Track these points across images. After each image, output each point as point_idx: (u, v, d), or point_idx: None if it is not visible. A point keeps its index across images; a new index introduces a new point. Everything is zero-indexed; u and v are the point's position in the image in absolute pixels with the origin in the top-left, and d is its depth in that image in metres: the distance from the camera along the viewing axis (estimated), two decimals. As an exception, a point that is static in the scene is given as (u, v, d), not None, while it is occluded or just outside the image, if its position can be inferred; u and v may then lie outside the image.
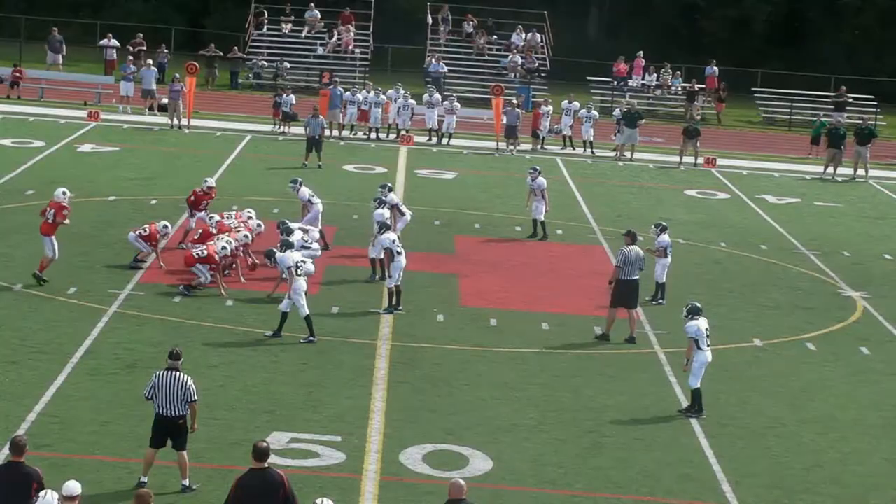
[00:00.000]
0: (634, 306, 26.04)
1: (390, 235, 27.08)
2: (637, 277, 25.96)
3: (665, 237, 28.06)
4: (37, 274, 26.50)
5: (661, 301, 28.07)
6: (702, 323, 21.94)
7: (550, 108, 48.21)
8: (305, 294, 24.41)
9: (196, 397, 17.81)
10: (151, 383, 17.79)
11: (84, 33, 63.45)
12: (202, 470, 18.22)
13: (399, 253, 26.70)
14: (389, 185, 31.39)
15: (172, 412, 17.66)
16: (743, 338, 26.42)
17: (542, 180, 33.32)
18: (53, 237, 26.75)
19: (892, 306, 29.47)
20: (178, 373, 17.76)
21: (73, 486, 14.28)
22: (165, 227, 28.75)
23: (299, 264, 24.67)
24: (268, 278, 27.33)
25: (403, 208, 31.09)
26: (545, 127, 47.72)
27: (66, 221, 27.00)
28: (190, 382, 17.75)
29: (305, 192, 31.53)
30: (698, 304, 22.46)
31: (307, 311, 24.22)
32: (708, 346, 21.92)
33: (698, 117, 48.59)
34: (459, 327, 25.85)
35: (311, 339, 24.17)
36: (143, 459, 17.80)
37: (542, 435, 20.58)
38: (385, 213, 29.14)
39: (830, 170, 46.74)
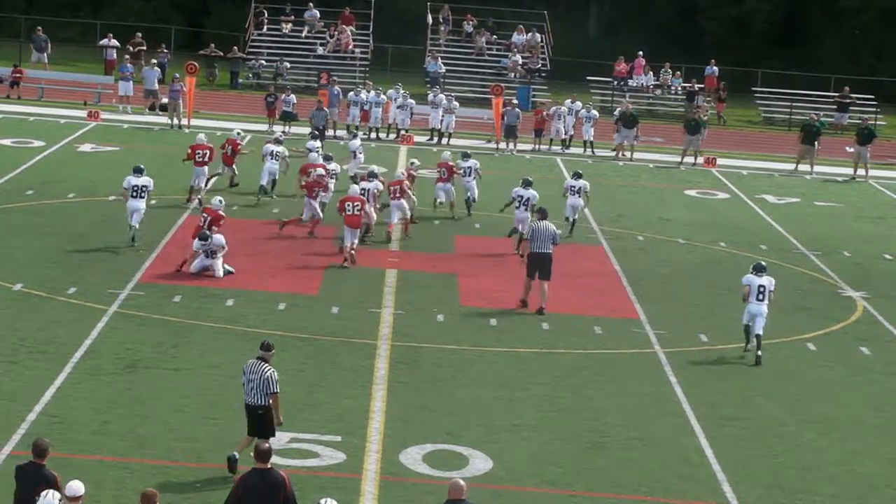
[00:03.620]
0: (547, 278, 27.24)
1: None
2: (549, 251, 27.33)
3: None
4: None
5: None
6: (756, 279, 25.14)
7: (564, 109, 48.12)
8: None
9: (275, 389, 18.16)
10: (243, 371, 18.37)
11: (84, 33, 63.48)
12: (202, 470, 18.22)
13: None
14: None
15: (255, 401, 18.16)
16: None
17: (584, 182, 34.35)
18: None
19: (892, 306, 29.47)
20: (264, 364, 18.23)
21: (77, 487, 14.25)
22: (220, 201, 29.34)
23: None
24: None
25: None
26: (557, 129, 47.67)
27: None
28: (270, 373, 18.14)
29: (356, 143, 38.73)
30: (763, 263, 25.98)
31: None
32: (759, 300, 24.98)
33: (706, 117, 48.48)
34: (459, 327, 25.85)
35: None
36: (241, 444, 18.30)
37: (542, 435, 20.59)
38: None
39: (804, 167, 46.62)
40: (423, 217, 34.70)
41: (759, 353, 24.82)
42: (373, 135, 47.74)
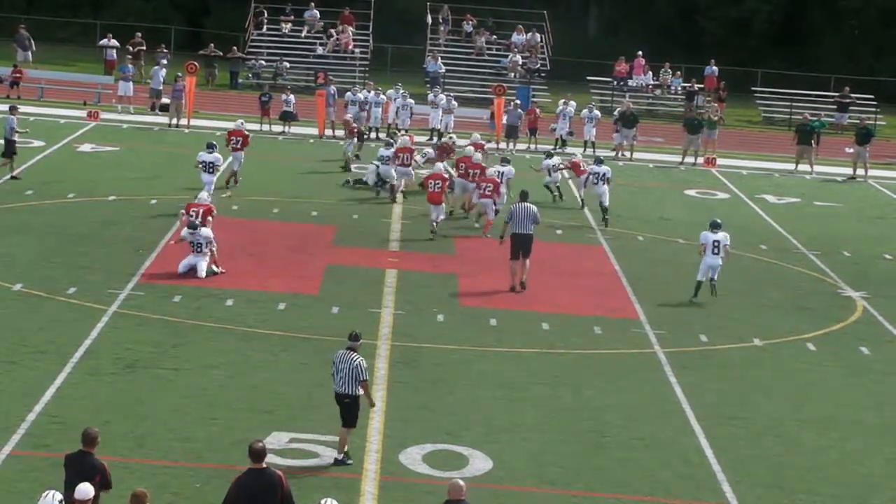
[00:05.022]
0: (527, 255, 28.22)
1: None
2: (530, 231, 28.29)
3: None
4: None
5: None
6: (712, 235, 27.89)
7: (571, 108, 48.14)
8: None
9: (364, 377, 18.71)
10: (332, 362, 18.97)
11: (84, 33, 63.47)
12: (202, 470, 18.22)
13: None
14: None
15: (344, 390, 18.71)
16: (743, 338, 26.42)
17: (606, 168, 36.00)
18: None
19: (892, 306, 29.47)
20: (352, 353, 18.80)
21: (87, 490, 14.24)
22: (208, 194, 29.96)
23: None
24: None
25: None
26: (561, 127, 47.75)
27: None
28: (359, 362, 18.71)
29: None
30: (718, 221, 28.63)
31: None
32: (714, 253, 27.86)
33: (715, 118, 48.46)
34: (459, 327, 25.85)
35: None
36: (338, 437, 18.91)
37: (542, 435, 20.58)
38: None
39: (804, 167, 46.65)
40: (424, 217, 34.70)
41: (714, 285, 28.27)
42: (373, 135, 47.71)
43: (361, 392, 18.86)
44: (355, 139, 41.53)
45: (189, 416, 20.26)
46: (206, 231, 27.88)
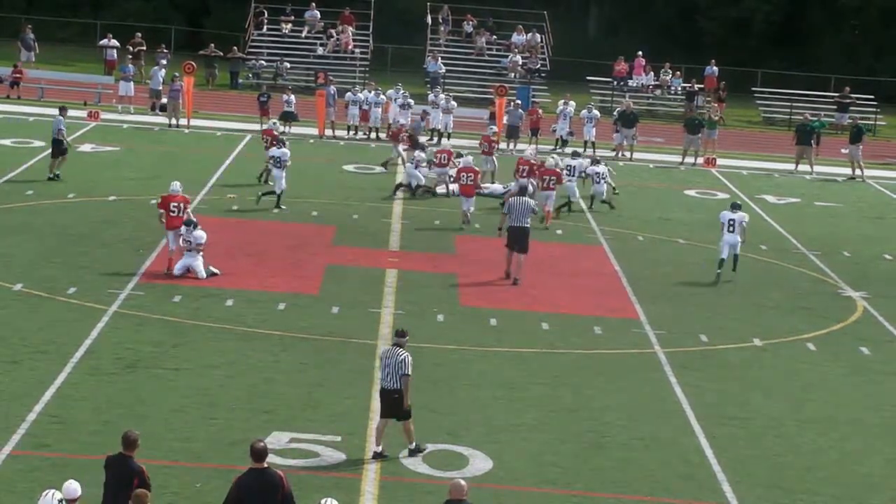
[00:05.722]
0: (524, 251, 28.94)
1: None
2: (527, 225, 29.06)
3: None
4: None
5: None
6: (730, 214, 30.28)
7: (571, 109, 48.14)
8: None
9: (408, 372, 18.98)
10: (380, 358, 19.66)
11: (84, 33, 63.48)
12: (202, 470, 18.22)
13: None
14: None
15: (391, 385, 18.99)
16: (743, 338, 26.42)
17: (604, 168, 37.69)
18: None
19: (892, 306, 29.46)
20: (399, 349, 19.11)
21: (74, 489, 14.21)
22: (179, 185, 29.30)
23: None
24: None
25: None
26: (562, 127, 47.76)
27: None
28: (404, 357, 19.00)
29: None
30: (738, 203, 31.41)
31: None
32: (730, 232, 30.09)
33: (716, 118, 48.46)
34: (459, 327, 25.84)
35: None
36: (376, 430, 19.22)
37: (542, 435, 20.58)
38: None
39: (804, 167, 46.64)
40: (425, 217, 34.72)
41: (735, 266, 30.31)
42: (372, 135, 47.73)
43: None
44: (403, 145, 41.17)
45: (189, 416, 20.26)
46: (200, 234, 27.79)
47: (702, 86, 59.20)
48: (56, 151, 36.67)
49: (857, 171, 46.78)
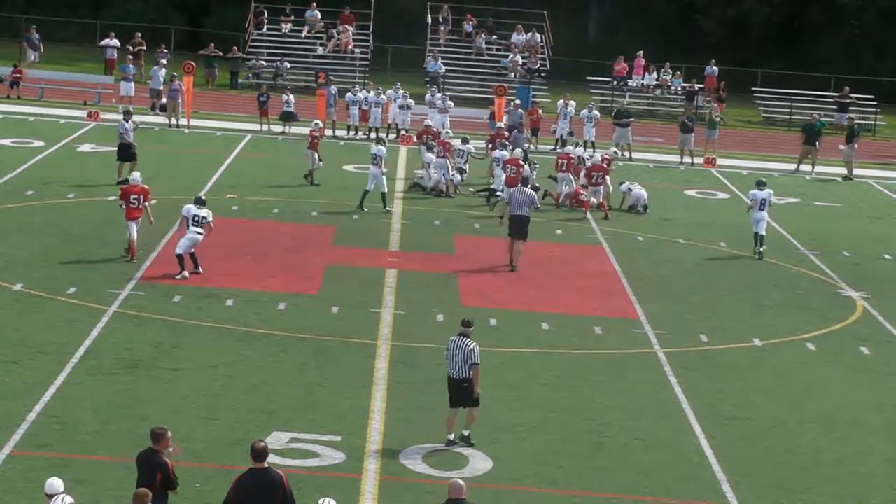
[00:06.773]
0: (524, 238, 30.00)
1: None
2: (527, 213, 29.98)
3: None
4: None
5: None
6: (760, 192, 32.65)
7: (571, 108, 48.15)
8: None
9: (477, 360, 19.45)
10: (447, 348, 19.70)
11: (84, 33, 63.48)
12: (202, 470, 18.22)
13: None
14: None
15: (459, 374, 19.44)
16: (743, 338, 26.42)
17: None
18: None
19: (892, 306, 29.47)
20: (466, 339, 19.51)
21: (55, 485, 14.14)
22: (139, 175, 29.58)
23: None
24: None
25: None
26: (562, 127, 47.78)
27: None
28: (472, 346, 19.42)
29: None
30: (763, 180, 33.71)
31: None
32: (761, 209, 32.42)
33: (717, 118, 48.45)
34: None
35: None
36: (446, 419, 19.62)
37: (542, 435, 20.58)
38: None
39: (805, 167, 46.68)
40: (425, 217, 34.72)
41: (762, 248, 32.44)
42: (372, 135, 47.71)
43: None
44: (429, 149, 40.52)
45: (189, 416, 20.26)
46: (208, 211, 27.89)
47: (702, 86, 59.19)
48: (124, 156, 36.40)
49: (857, 171, 46.74)
